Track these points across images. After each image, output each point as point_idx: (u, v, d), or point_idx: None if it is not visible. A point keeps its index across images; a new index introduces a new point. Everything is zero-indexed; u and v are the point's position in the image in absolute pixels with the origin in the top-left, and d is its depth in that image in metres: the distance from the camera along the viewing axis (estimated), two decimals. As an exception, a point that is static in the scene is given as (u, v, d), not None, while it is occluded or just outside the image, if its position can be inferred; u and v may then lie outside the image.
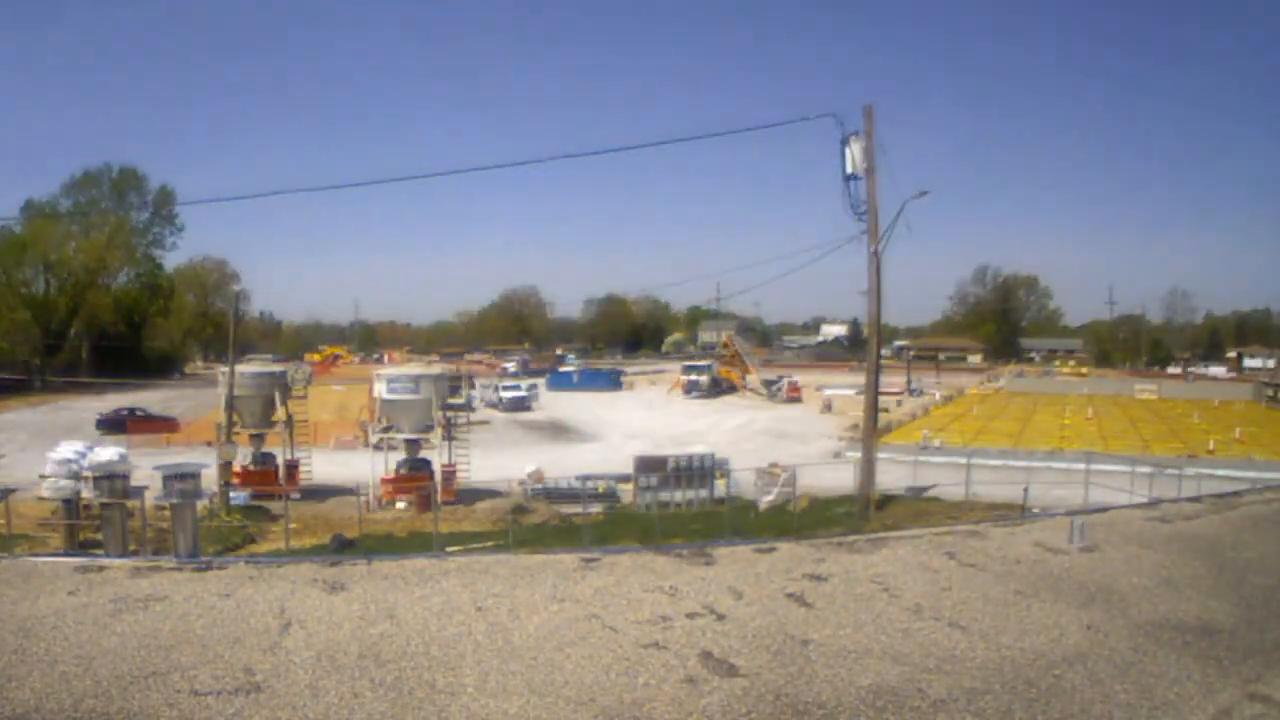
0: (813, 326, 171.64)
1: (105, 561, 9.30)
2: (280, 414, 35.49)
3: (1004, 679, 5.96)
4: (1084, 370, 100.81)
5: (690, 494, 31.44)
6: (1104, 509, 12.75)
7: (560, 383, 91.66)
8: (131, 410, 56.36)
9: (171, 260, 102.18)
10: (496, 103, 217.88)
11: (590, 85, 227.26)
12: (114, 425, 52.31)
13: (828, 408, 73.14)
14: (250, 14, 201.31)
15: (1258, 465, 29.13)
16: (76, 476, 28.37)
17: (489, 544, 22.04)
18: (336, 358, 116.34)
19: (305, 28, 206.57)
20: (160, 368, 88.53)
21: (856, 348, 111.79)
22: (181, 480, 14.67)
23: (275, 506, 29.88)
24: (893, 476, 24.79)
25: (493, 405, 70.60)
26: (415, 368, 42.14)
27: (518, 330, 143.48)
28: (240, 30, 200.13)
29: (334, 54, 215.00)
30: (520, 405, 72.43)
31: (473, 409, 45.21)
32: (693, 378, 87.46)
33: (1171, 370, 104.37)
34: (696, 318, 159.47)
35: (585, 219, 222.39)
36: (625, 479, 33.17)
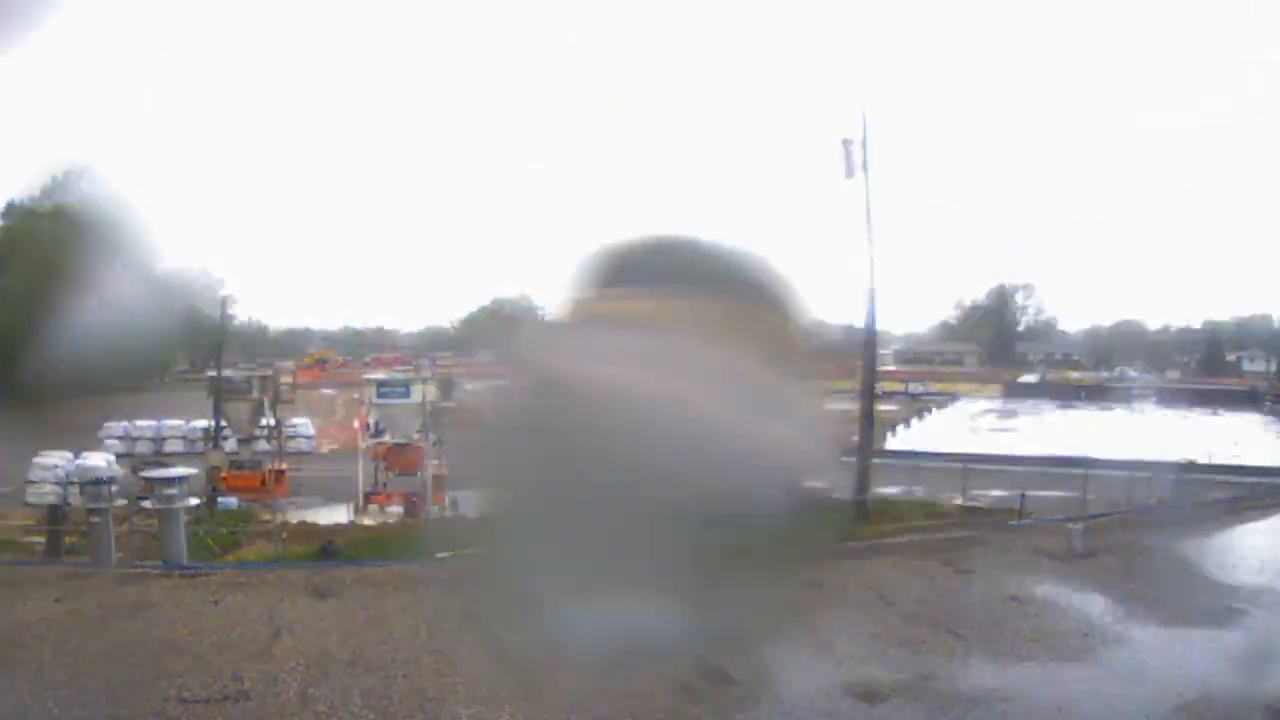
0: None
1: (92, 569, 9.20)
2: (268, 419, 35.26)
3: (1003, 683, 5.93)
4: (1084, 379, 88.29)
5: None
6: (1102, 515, 12.74)
7: None
8: None
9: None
10: (495, 102, 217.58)
11: (588, 85, 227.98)
12: None
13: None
14: (243, 9, 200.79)
15: (1255, 471, 29.11)
16: (63, 482, 28.08)
17: (480, 549, 21.92)
18: (323, 362, 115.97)
19: (300, 25, 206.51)
20: (146, 372, 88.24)
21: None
22: (168, 485, 14.48)
23: (263, 512, 29.67)
24: (889, 480, 24.74)
25: None
26: (405, 372, 41.94)
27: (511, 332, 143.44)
28: (232, 28, 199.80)
29: (330, 53, 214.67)
30: None
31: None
32: None
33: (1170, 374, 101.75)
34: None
35: (582, 218, 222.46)
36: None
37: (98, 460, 29.17)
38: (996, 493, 16.33)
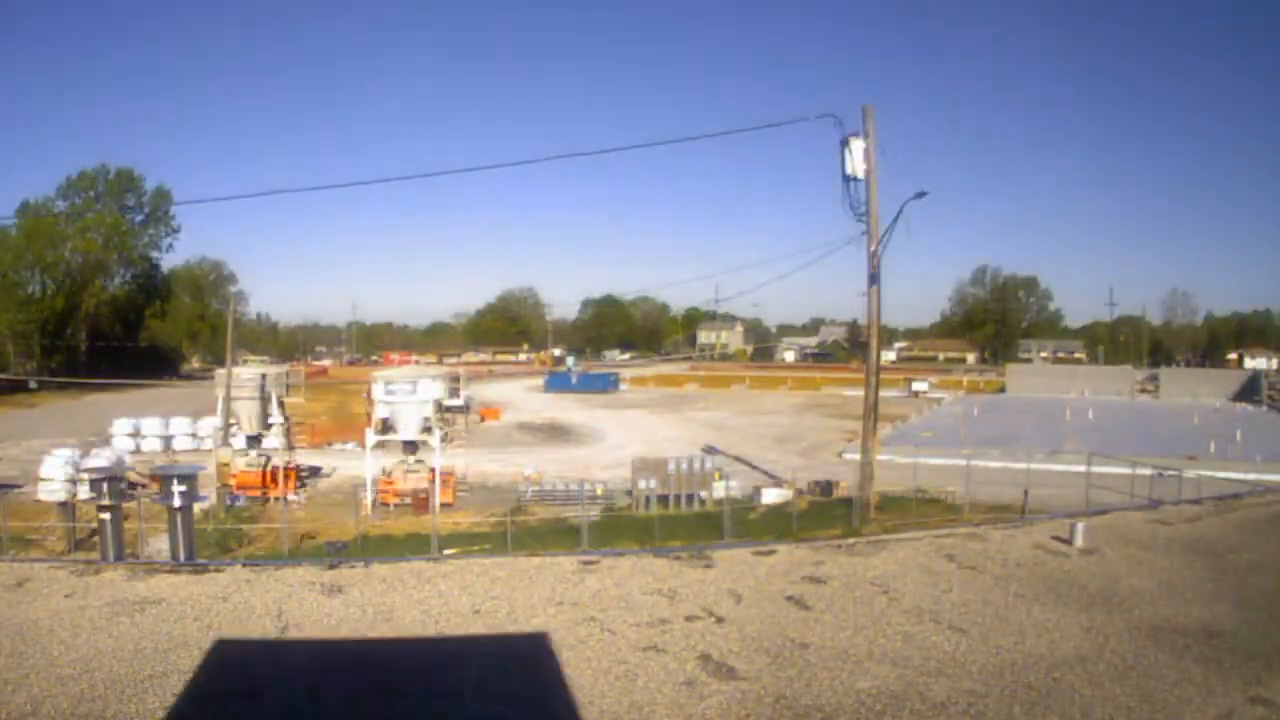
0: (812, 328, 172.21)
1: (101, 564, 9.27)
2: (277, 415, 35.45)
3: (1004, 682, 5.95)
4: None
5: (689, 495, 31.42)
6: (1104, 511, 12.75)
7: (558, 384, 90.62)
8: None
9: (169, 262, 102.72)
10: (495, 103, 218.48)
11: (589, 85, 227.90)
12: None
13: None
14: (248, 13, 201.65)
15: (1258, 467, 29.09)
16: (73, 479, 28.31)
17: (487, 546, 22.02)
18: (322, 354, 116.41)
19: (303, 26, 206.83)
20: (157, 368, 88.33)
21: (856, 349, 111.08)
22: (178, 482, 14.55)
23: (273, 508, 29.89)
24: (893, 478, 24.80)
25: None
26: (413, 369, 41.98)
27: (515, 331, 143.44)
28: (237, 29, 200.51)
29: (333, 55, 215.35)
30: None
31: (469, 410, 45.20)
32: None
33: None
34: (694, 319, 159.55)
35: (584, 219, 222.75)
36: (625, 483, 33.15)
37: (108, 456, 29.36)
38: (1000, 489, 16.34)
